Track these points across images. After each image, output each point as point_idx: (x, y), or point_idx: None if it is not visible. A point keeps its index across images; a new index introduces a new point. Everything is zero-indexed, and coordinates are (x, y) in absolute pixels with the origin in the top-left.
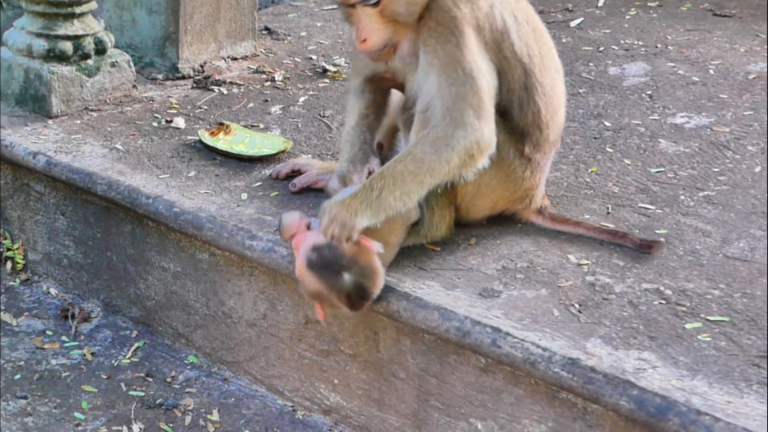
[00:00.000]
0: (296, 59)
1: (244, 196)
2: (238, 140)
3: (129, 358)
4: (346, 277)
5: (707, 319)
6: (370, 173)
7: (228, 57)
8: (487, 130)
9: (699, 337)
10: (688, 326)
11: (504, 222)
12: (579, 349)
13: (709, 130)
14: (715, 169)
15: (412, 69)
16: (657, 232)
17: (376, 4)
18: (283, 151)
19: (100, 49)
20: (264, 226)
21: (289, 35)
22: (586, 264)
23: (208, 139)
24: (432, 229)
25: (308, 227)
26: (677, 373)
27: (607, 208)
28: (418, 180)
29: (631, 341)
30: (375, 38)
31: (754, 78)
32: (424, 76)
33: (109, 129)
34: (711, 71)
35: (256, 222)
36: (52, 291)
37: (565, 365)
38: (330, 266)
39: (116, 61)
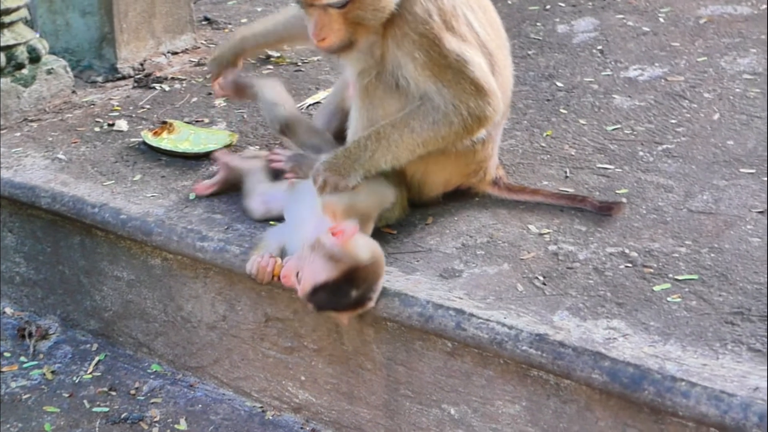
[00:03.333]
0: None
1: (193, 195)
2: (183, 138)
3: (91, 373)
4: (355, 293)
5: (676, 279)
6: None
7: (168, 52)
8: (489, 107)
9: (669, 299)
10: (656, 288)
11: (461, 197)
12: (546, 324)
13: (663, 80)
14: (673, 121)
15: (363, 61)
16: (617, 192)
17: (342, 7)
18: (229, 145)
19: (35, 58)
20: (214, 225)
21: (230, 23)
22: (548, 233)
23: (151, 139)
24: (386, 211)
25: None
26: (649, 339)
27: (565, 172)
28: (410, 149)
29: (599, 310)
30: (334, 38)
31: (705, 22)
32: (412, 71)
33: (50, 139)
34: (661, 19)
35: (205, 222)
36: (8, 310)
37: (532, 342)
38: (338, 300)
39: (52, 68)
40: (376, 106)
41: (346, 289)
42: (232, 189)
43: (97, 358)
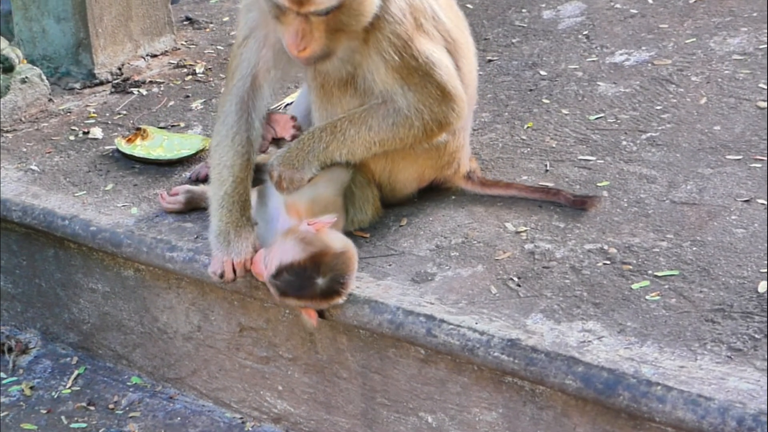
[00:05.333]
0: (218, 47)
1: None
2: (156, 144)
3: (70, 388)
4: (321, 281)
5: (655, 276)
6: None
7: (147, 55)
8: (452, 113)
9: (647, 297)
10: (635, 286)
11: (436, 196)
12: (519, 328)
13: (650, 65)
14: (658, 107)
15: (341, 69)
16: (598, 185)
17: (326, 14)
18: (202, 150)
19: (8, 67)
20: (184, 234)
21: (212, 23)
22: (525, 231)
23: (125, 147)
24: (358, 212)
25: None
26: (625, 341)
27: (546, 166)
28: (366, 146)
29: (575, 311)
30: (315, 47)
31: (694, 2)
32: (382, 74)
33: (24, 149)
34: (649, 0)
35: (175, 231)
36: None
37: (504, 348)
38: (302, 284)
39: (26, 77)
40: (334, 104)
41: (311, 274)
42: (196, 210)
43: (76, 372)
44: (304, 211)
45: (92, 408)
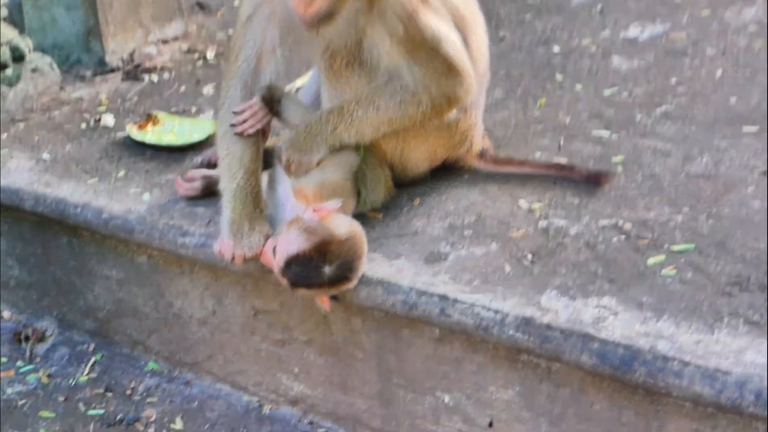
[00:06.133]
0: (229, 32)
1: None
2: (167, 130)
3: (87, 375)
4: (328, 269)
5: (671, 250)
6: None
7: (158, 41)
8: (461, 88)
9: (663, 271)
10: (650, 261)
11: (449, 175)
12: (533, 306)
13: (664, 38)
14: (673, 80)
15: (344, 35)
16: (613, 160)
17: None
18: (214, 135)
19: (18, 56)
20: (196, 219)
21: (222, 5)
22: (539, 208)
23: (136, 133)
24: (370, 193)
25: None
26: (640, 316)
27: (559, 142)
28: (374, 126)
29: (589, 288)
30: (321, 2)
31: None
32: (387, 47)
33: (36, 138)
34: None
35: (187, 216)
36: (5, 314)
37: (519, 326)
38: (309, 274)
39: (37, 66)
40: (342, 84)
41: (318, 263)
42: (212, 195)
43: (93, 359)
44: (312, 196)
45: (109, 394)
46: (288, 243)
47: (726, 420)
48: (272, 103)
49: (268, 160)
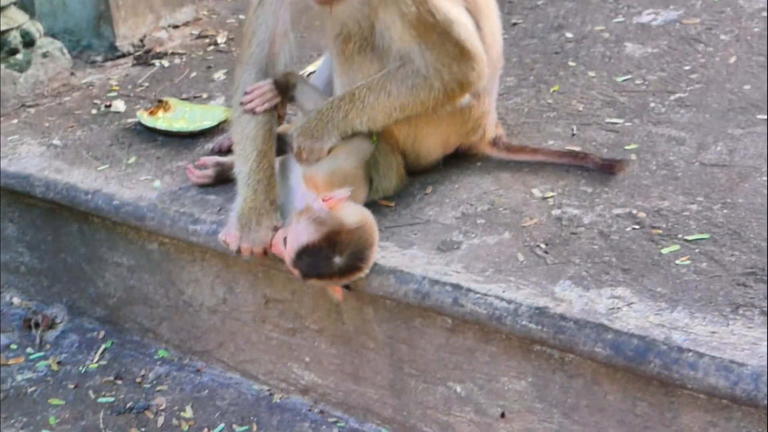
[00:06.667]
0: (240, 17)
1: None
2: (178, 116)
3: (97, 362)
4: (338, 260)
5: (685, 240)
6: None
7: (169, 26)
8: (473, 72)
9: (677, 261)
10: (664, 251)
11: (462, 163)
12: (547, 296)
13: (678, 24)
14: (687, 67)
15: (357, 14)
16: (626, 148)
17: None
18: (225, 121)
19: (29, 42)
20: (207, 206)
21: None
22: (552, 196)
23: (147, 119)
24: (382, 180)
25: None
26: (655, 307)
27: (572, 130)
28: (386, 113)
29: (603, 278)
30: None
31: None
32: (399, 30)
33: (47, 124)
34: None
35: (198, 204)
36: (15, 300)
37: (532, 316)
38: (320, 264)
39: (47, 51)
40: (355, 70)
41: (328, 254)
42: (224, 182)
43: (103, 346)
44: (322, 184)
45: (119, 382)
46: (298, 234)
47: (741, 412)
48: (287, 88)
49: (281, 146)
